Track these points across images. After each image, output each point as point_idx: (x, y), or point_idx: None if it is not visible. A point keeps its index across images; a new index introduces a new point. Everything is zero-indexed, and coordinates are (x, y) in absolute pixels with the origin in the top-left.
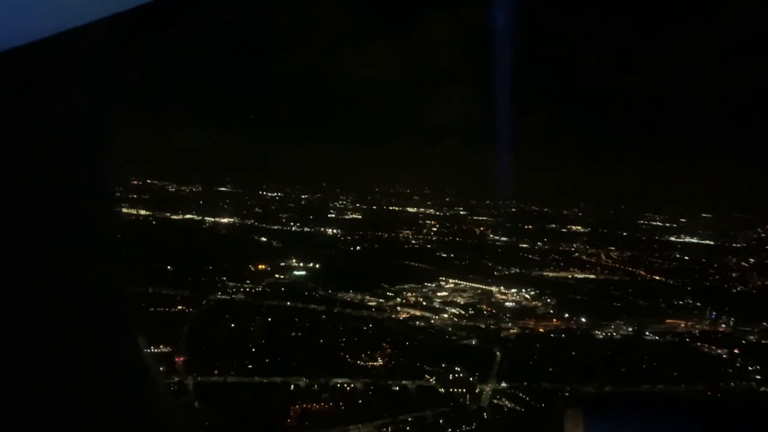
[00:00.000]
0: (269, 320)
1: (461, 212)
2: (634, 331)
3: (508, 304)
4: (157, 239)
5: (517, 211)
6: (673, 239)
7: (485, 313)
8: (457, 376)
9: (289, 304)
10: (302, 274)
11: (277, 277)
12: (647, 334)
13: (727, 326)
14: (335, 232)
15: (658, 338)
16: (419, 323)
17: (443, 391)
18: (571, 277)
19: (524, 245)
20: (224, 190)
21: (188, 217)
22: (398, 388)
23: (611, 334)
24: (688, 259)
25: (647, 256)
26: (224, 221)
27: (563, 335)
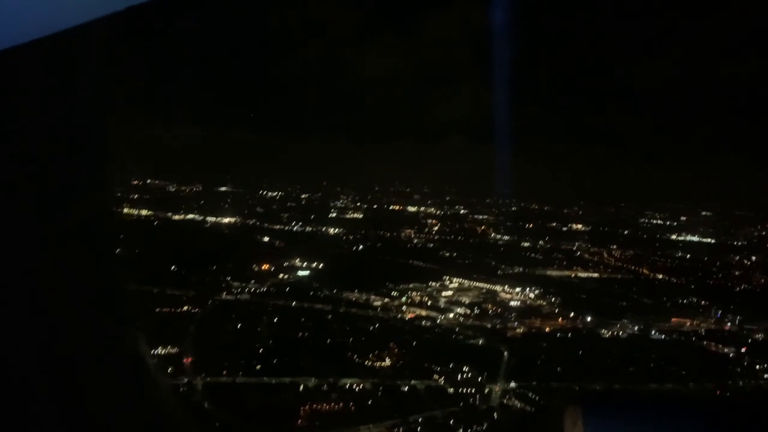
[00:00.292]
0: (275, 320)
1: (461, 211)
2: (640, 330)
3: (513, 303)
4: (159, 239)
5: (517, 209)
6: (674, 237)
7: (491, 312)
8: (465, 375)
9: (294, 304)
10: (306, 273)
11: (281, 276)
12: (653, 333)
13: (732, 325)
14: (337, 231)
15: (664, 337)
16: (425, 323)
17: (452, 391)
18: (574, 275)
19: (526, 244)
20: (224, 189)
21: (190, 217)
22: (407, 388)
23: (617, 333)
24: (690, 257)
25: (650, 254)
26: (226, 221)
27: (570, 334)
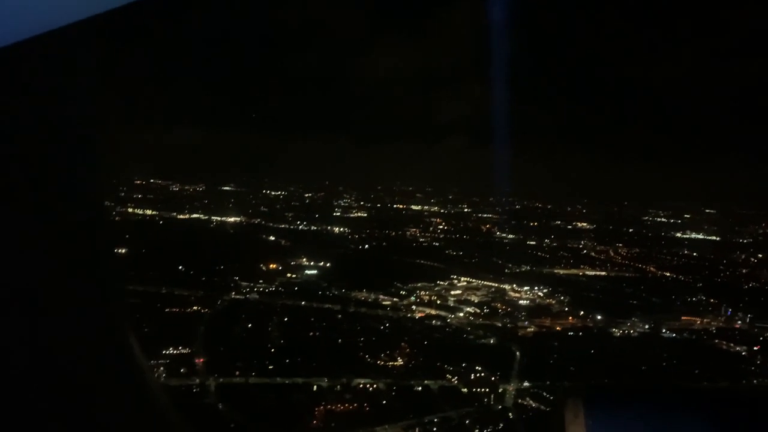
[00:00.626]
0: (285, 320)
1: (465, 210)
2: (650, 328)
3: (522, 302)
4: (165, 239)
5: (520, 208)
6: (679, 235)
7: (500, 311)
8: (478, 375)
9: (303, 303)
10: (314, 273)
11: (289, 276)
12: (664, 331)
13: (743, 323)
14: (342, 230)
15: (675, 335)
16: (436, 322)
17: (466, 391)
18: (582, 274)
19: (531, 242)
20: (228, 189)
21: (195, 216)
22: (421, 388)
23: (628, 331)
24: (696, 255)
25: (655, 252)
26: (231, 220)
27: (580, 333)
